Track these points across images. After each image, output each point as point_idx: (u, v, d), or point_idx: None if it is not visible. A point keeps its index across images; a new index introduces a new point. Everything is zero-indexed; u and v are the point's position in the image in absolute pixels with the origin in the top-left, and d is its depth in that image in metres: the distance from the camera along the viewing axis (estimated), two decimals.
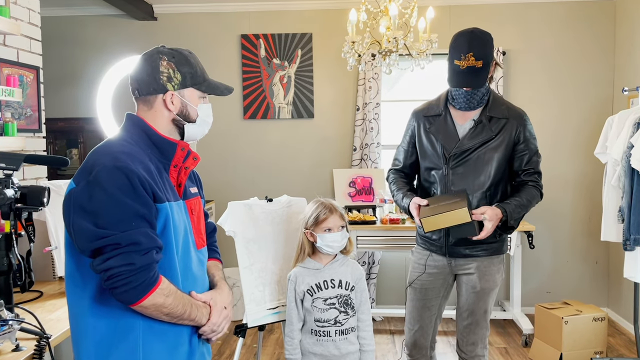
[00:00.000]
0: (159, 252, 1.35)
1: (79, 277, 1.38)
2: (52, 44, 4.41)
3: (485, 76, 2.15)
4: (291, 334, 2.20)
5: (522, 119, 2.23)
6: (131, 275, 1.28)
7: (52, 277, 2.36)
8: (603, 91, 4.42)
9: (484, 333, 2.34)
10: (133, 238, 1.29)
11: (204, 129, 1.54)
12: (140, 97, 1.47)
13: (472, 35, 2.12)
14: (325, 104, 4.58)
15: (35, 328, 1.65)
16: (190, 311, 1.42)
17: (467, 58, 2.08)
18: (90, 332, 1.37)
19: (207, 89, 1.51)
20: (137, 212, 1.31)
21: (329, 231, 2.16)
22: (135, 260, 1.28)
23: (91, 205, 1.29)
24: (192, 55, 1.51)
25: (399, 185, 2.37)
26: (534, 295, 4.44)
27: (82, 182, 1.32)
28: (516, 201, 2.18)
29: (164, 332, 1.41)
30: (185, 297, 1.42)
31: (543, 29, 4.42)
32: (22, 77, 2.69)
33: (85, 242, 1.30)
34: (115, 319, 1.36)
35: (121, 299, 1.30)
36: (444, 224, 2.08)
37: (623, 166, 3.09)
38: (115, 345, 1.36)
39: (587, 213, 4.47)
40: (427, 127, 2.29)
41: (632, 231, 3.01)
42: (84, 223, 1.29)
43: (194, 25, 4.59)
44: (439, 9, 4.15)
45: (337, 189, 4.17)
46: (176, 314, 1.38)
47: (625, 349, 3.78)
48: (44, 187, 1.81)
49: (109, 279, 1.28)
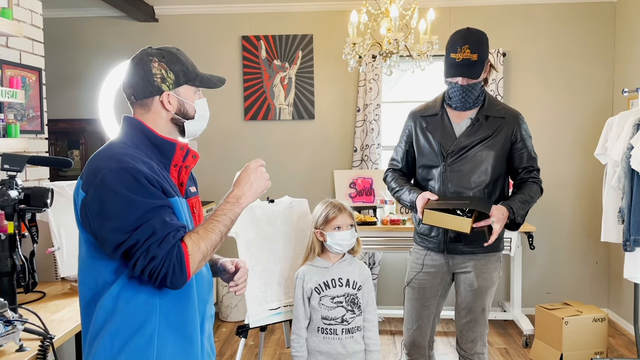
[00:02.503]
0: (180, 231, 1.34)
1: (93, 272, 1.39)
2: (54, 45, 4.42)
3: (480, 70, 2.19)
4: (298, 331, 2.23)
5: (518, 118, 2.29)
6: (161, 267, 1.29)
7: (54, 277, 2.36)
8: (603, 92, 4.43)
9: (483, 331, 2.37)
10: (148, 231, 1.30)
11: (202, 124, 1.55)
12: (136, 101, 1.48)
13: (468, 31, 2.21)
14: (326, 105, 4.59)
15: (38, 328, 1.66)
16: (223, 224, 1.40)
17: (463, 50, 2.16)
18: (107, 322, 1.36)
19: (201, 83, 1.52)
20: (151, 206, 1.32)
21: (338, 229, 2.20)
22: (155, 253, 1.29)
23: (105, 210, 1.30)
24: (181, 52, 1.52)
25: (400, 182, 2.38)
26: (534, 296, 4.45)
27: (91, 189, 1.32)
28: (520, 197, 2.21)
29: (180, 326, 1.42)
30: (208, 226, 1.39)
31: (543, 30, 4.44)
32: (25, 78, 2.70)
33: (109, 246, 1.32)
34: (132, 311, 1.36)
35: (174, 286, 1.32)
36: (443, 224, 2.09)
37: (623, 167, 3.09)
38: (131, 337, 1.36)
39: (587, 214, 4.48)
40: (424, 126, 2.33)
41: (632, 232, 3.02)
42: (103, 229, 1.31)
43: (195, 27, 4.60)
44: (439, 10, 4.16)
45: (338, 190, 4.18)
46: (217, 242, 1.39)
47: (625, 349, 3.79)
48: (47, 188, 1.82)
49: (150, 279, 1.30)
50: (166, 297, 1.39)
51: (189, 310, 1.44)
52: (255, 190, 1.47)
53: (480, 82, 2.23)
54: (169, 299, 1.40)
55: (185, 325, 1.44)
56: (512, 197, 2.25)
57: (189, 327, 1.45)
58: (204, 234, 1.37)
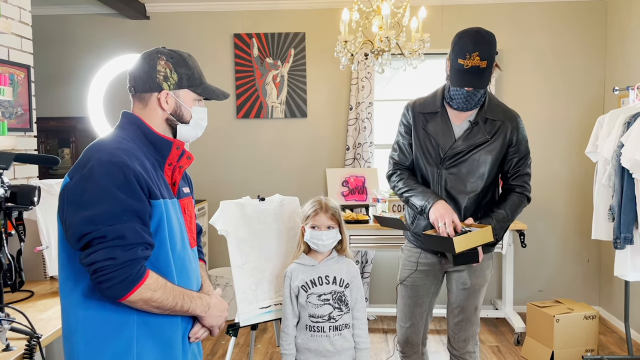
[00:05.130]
0: (148, 249, 1.34)
1: (71, 270, 1.38)
2: (45, 42, 4.39)
3: (489, 77, 2.11)
4: (286, 329, 2.23)
5: (516, 121, 2.23)
6: (114, 271, 1.27)
7: (43, 276, 2.35)
8: (594, 91, 4.45)
9: (475, 329, 2.37)
10: (119, 232, 1.28)
11: (197, 132, 1.54)
12: (136, 94, 1.48)
13: (478, 35, 2.06)
14: (318, 104, 4.58)
15: (25, 328, 1.64)
16: (183, 303, 1.41)
17: (472, 57, 2.03)
18: (80, 326, 1.36)
19: (203, 91, 1.52)
20: (129, 206, 1.31)
21: (315, 228, 2.19)
22: (117, 255, 1.27)
23: (83, 198, 1.29)
24: (192, 58, 1.52)
25: (409, 183, 2.27)
26: (526, 294, 4.47)
27: (77, 175, 1.32)
28: (501, 216, 2.17)
29: (159, 329, 1.40)
30: (176, 289, 1.41)
31: (535, 29, 4.44)
32: (13, 75, 2.67)
33: (75, 234, 1.30)
34: (108, 313, 1.35)
35: (106, 294, 1.30)
36: (473, 243, 2.01)
37: (613, 165, 3.10)
38: (108, 341, 1.35)
39: (578, 212, 4.50)
40: (423, 125, 2.26)
41: (622, 230, 3.03)
42: (75, 217, 1.29)
43: (187, 24, 4.58)
44: (431, 8, 4.16)
45: (330, 188, 4.17)
46: (166, 307, 1.38)
47: (616, 346, 3.81)
48: (34, 186, 1.79)
49: (93, 274, 1.28)
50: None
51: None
52: (216, 319, 1.53)
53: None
54: None
55: (164, 329, 1.42)
56: (495, 212, 2.19)
57: (168, 329, 1.43)
58: (169, 290, 1.37)
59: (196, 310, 1.46)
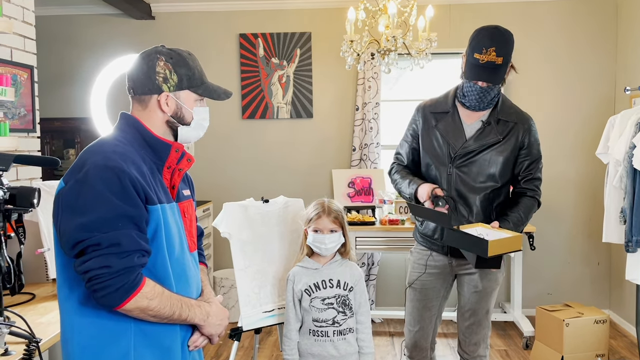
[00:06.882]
0: (145, 256, 1.31)
1: (66, 277, 1.35)
2: (50, 43, 4.39)
3: (503, 74, 2.11)
4: (289, 334, 2.19)
5: (529, 123, 2.22)
6: (109, 279, 1.24)
7: (45, 279, 2.33)
8: (605, 90, 4.38)
9: (486, 333, 2.34)
10: (114, 239, 1.25)
11: (198, 133, 1.50)
12: (135, 96, 1.45)
13: (496, 31, 2.07)
14: (325, 104, 4.54)
15: (24, 332, 1.62)
16: (180, 312, 1.38)
17: (489, 53, 2.03)
18: (76, 333, 1.33)
19: (204, 92, 1.48)
20: (125, 213, 1.27)
21: (318, 232, 2.15)
22: (112, 263, 1.24)
23: (78, 204, 1.26)
24: (192, 57, 1.48)
25: (402, 174, 2.33)
26: (534, 297, 4.41)
27: (71, 180, 1.29)
28: (515, 218, 2.16)
29: (157, 336, 1.37)
30: (174, 297, 1.38)
31: (544, 28, 4.38)
32: (16, 76, 2.66)
33: (69, 242, 1.26)
34: (104, 321, 1.32)
35: (102, 302, 1.27)
36: (505, 249, 1.97)
37: (625, 167, 3.05)
38: (105, 349, 1.32)
39: (588, 214, 4.43)
40: (433, 124, 2.25)
41: (635, 232, 2.97)
42: (69, 223, 1.26)
43: (192, 24, 4.56)
44: (438, 7, 4.11)
45: (336, 190, 4.13)
46: (163, 316, 1.35)
47: (627, 351, 3.74)
48: (34, 188, 1.77)
49: (88, 282, 1.25)
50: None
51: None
52: (216, 328, 1.50)
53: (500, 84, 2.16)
54: None
55: (163, 337, 1.39)
56: (509, 215, 2.17)
57: (167, 337, 1.40)
58: (166, 299, 1.34)
59: (195, 319, 1.43)
